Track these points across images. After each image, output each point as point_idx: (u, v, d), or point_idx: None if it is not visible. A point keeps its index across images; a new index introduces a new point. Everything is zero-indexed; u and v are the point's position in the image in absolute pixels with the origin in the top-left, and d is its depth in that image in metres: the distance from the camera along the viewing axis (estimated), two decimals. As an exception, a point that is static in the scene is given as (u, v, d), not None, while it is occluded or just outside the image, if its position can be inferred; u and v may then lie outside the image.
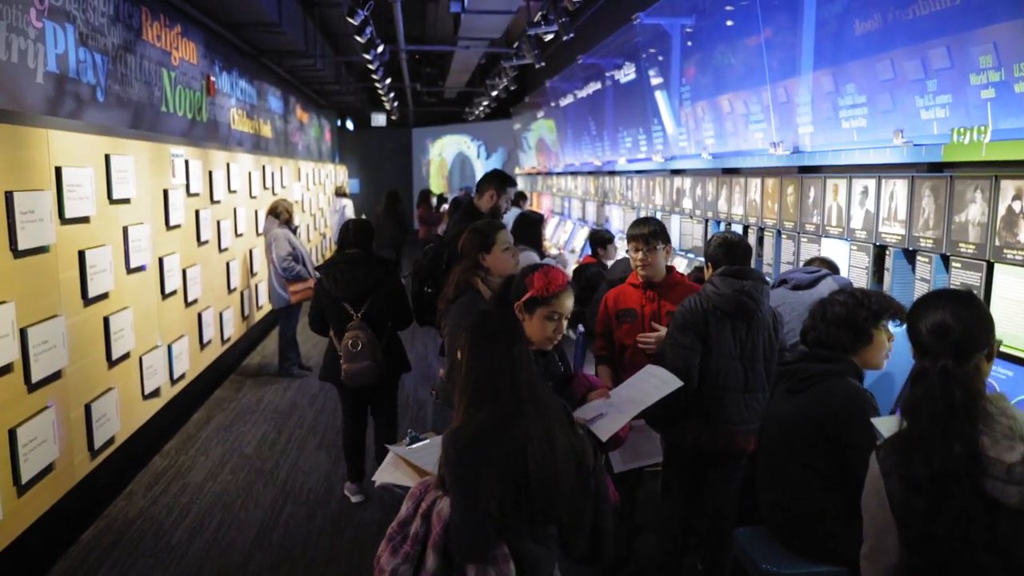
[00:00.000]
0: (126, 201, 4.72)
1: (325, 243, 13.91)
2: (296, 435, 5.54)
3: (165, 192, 5.45)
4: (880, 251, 3.65)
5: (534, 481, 1.92)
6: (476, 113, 18.05)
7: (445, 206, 13.29)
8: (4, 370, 3.36)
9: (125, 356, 4.64)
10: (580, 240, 8.90)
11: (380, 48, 9.77)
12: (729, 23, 5.23)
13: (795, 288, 3.42)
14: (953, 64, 3.05)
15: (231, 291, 7.26)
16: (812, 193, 4.23)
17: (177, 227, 5.69)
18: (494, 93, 13.52)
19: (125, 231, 4.68)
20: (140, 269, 4.91)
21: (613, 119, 8.65)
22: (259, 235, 8.13)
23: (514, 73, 12.06)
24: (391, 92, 15.30)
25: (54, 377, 3.78)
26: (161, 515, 4.26)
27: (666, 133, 6.67)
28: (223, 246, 6.99)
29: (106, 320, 4.38)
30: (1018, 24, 2.71)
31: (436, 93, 18.40)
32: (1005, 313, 2.79)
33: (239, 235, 7.59)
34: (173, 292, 5.54)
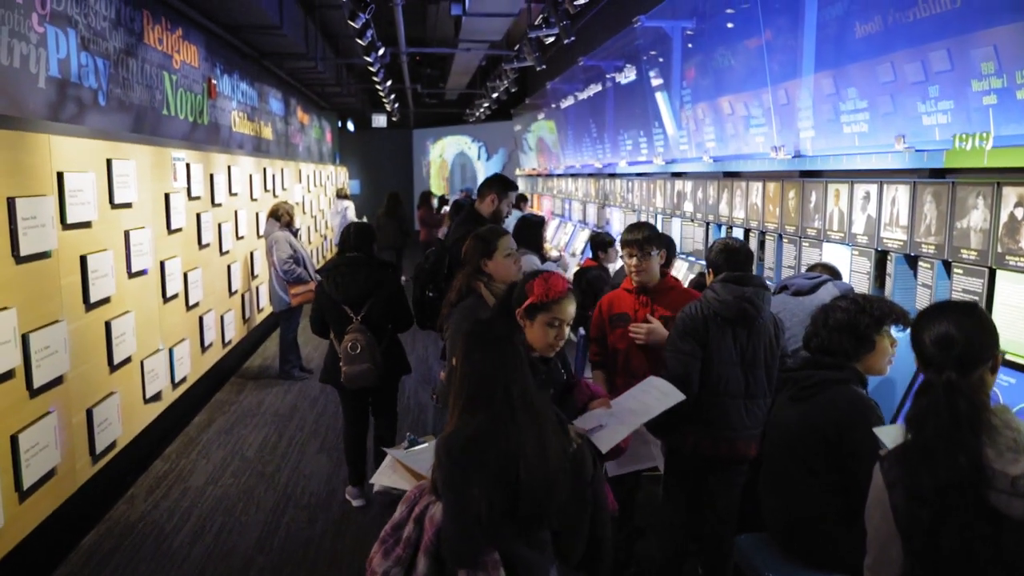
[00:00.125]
0: (128, 205, 4.72)
1: (326, 245, 13.91)
2: (297, 438, 5.54)
3: (167, 196, 5.45)
4: (882, 256, 3.65)
5: (525, 489, 1.92)
6: (477, 115, 18.04)
7: (446, 208, 13.29)
8: (6, 376, 3.35)
9: (127, 360, 4.64)
10: (580, 242, 8.88)
11: (381, 50, 9.78)
12: (730, 25, 5.23)
13: (796, 294, 3.42)
14: (953, 67, 3.05)
15: (232, 294, 7.26)
16: (813, 197, 4.23)
17: (178, 231, 5.69)
18: (495, 95, 13.52)
19: (127, 235, 4.68)
20: (142, 273, 4.91)
21: (614, 121, 8.64)
22: (260, 238, 8.13)
23: (515, 75, 12.06)
24: (392, 94, 15.31)
25: (56, 382, 3.78)
26: (162, 519, 4.26)
27: (667, 135, 6.66)
28: (224, 249, 6.99)
29: (108, 325, 4.38)
30: (1019, 27, 2.71)
31: (437, 95, 18.40)
32: (1007, 320, 2.79)
33: (240, 238, 7.60)
34: (174, 296, 5.54)
